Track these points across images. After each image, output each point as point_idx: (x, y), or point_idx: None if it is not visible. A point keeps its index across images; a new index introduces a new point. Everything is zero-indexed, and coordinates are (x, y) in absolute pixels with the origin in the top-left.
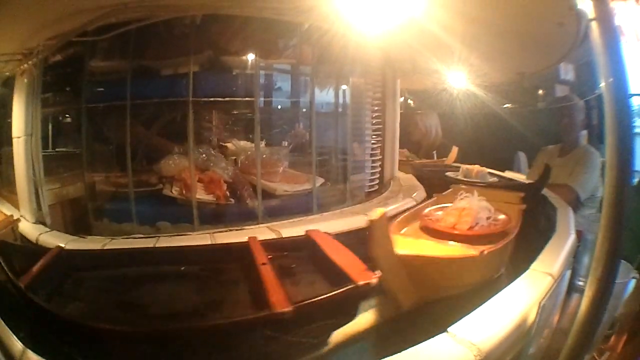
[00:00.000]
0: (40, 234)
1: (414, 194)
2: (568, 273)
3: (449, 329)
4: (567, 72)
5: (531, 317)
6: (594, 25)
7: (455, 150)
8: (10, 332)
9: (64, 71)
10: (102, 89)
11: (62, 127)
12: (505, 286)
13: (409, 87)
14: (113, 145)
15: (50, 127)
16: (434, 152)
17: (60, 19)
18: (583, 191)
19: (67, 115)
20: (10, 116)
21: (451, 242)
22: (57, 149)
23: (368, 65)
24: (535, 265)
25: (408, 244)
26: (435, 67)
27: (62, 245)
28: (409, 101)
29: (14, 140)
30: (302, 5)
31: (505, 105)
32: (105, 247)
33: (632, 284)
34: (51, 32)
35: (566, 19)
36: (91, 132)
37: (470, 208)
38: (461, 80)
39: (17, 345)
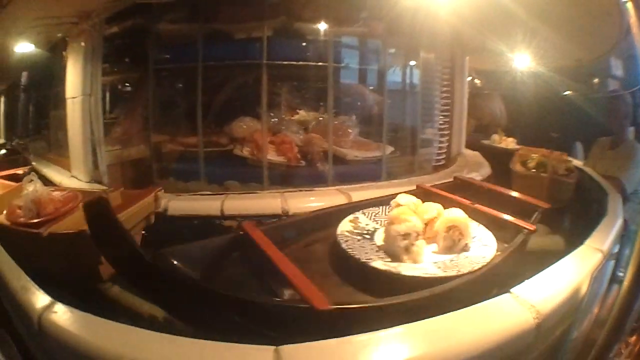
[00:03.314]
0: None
1: (480, 169)
2: (611, 264)
3: (512, 290)
4: (617, 67)
5: (584, 288)
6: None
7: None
8: (37, 286)
9: (128, 33)
10: (171, 51)
11: (123, 90)
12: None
13: (476, 66)
14: (181, 107)
15: (110, 89)
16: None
17: None
18: (629, 185)
19: (130, 77)
20: (59, 80)
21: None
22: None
23: (438, 41)
24: (588, 242)
25: None
26: (501, 46)
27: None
28: (476, 81)
29: (69, 101)
30: None
31: (565, 93)
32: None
33: None
34: None
35: (612, 8)
36: (159, 94)
37: None
38: (525, 62)
39: (44, 297)
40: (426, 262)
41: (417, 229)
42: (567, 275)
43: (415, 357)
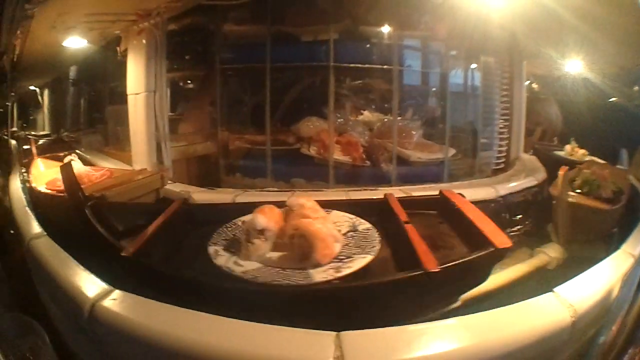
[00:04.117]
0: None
1: (536, 174)
2: None
3: (554, 289)
4: None
5: (615, 291)
6: None
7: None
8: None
9: (192, 32)
10: (238, 52)
11: (187, 87)
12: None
13: (534, 71)
14: (249, 106)
15: (174, 85)
16: (555, 138)
17: None
18: None
19: (195, 75)
20: (115, 75)
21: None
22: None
23: (496, 45)
24: (624, 247)
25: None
26: (554, 52)
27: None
28: (533, 85)
29: (130, 97)
30: None
31: (611, 99)
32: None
33: None
34: None
35: None
36: (226, 93)
37: None
38: (577, 67)
39: (101, 285)
40: (251, 262)
41: (255, 226)
42: (602, 278)
43: (465, 347)
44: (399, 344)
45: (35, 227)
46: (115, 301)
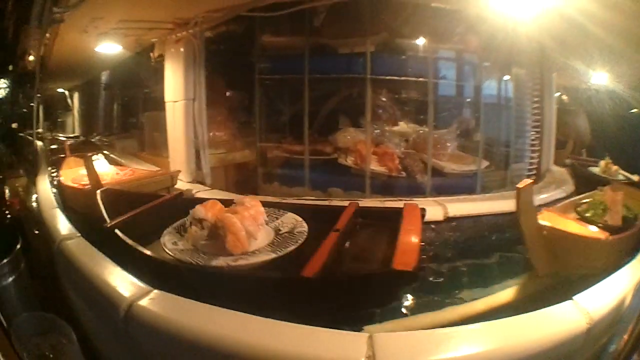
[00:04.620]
0: (198, 191)
1: (564, 187)
2: None
3: (574, 297)
4: None
5: (628, 300)
6: None
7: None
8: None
9: (230, 42)
10: (277, 62)
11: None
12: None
13: (563, 82)
14: (287, 116)
15: (212, 94)
16: (583, 150)
17: None
18: None
19: (234, 84)
20: (150, 81)
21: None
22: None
23: (527, 57)
24: (639, 256)
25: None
26: (581, 63)
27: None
28: (563, 97)
29: (168, 104)
30: None
31: (632, 110)
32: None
33: None
34: (211, 5)
35: None
36: (265, 102)
37: None
38: (603, 79)
39: (140, 285)
40: (186, 244)
41: (194, 216)
42: (617, 286)
43: (489, 351)
44: (427, 346)
45: (67, 228)
46: (153, 300)
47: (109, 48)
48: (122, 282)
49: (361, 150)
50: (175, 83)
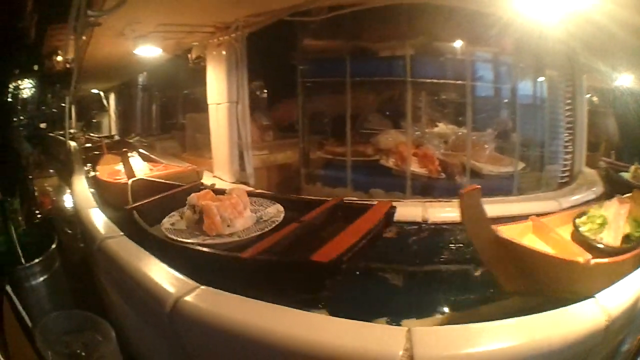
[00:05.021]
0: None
1: (594, 187)
2: None
3: (596, 295)
4: None
5: None
6: None
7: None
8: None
9: (272, 46)
10: (318, 66)
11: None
12: None
13: (593, 84)
14: (329, 118)
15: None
16: (612, 151)
17: None
18: None
19: (276, 87)
20: (190, 83)
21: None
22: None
23: (559, 59)
24: None
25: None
26: (607, 65)
27: None
28: (593, 98)
29: (211, 107)
30: None
31: None
32: None
33: None
34: (252, 9)
35: None
36: (307, 105)
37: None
38: (627, 81)
39: (186, 281)
40: (182, 224)
41: (189, 202)
42: (634, 286)
43: (518, 345)
44: (462, 340)
45: (108, 227)
46: (199, 296)
47: (148, 51)
48: (167, 278)
49: (402, 151)
50: (218, 86)
